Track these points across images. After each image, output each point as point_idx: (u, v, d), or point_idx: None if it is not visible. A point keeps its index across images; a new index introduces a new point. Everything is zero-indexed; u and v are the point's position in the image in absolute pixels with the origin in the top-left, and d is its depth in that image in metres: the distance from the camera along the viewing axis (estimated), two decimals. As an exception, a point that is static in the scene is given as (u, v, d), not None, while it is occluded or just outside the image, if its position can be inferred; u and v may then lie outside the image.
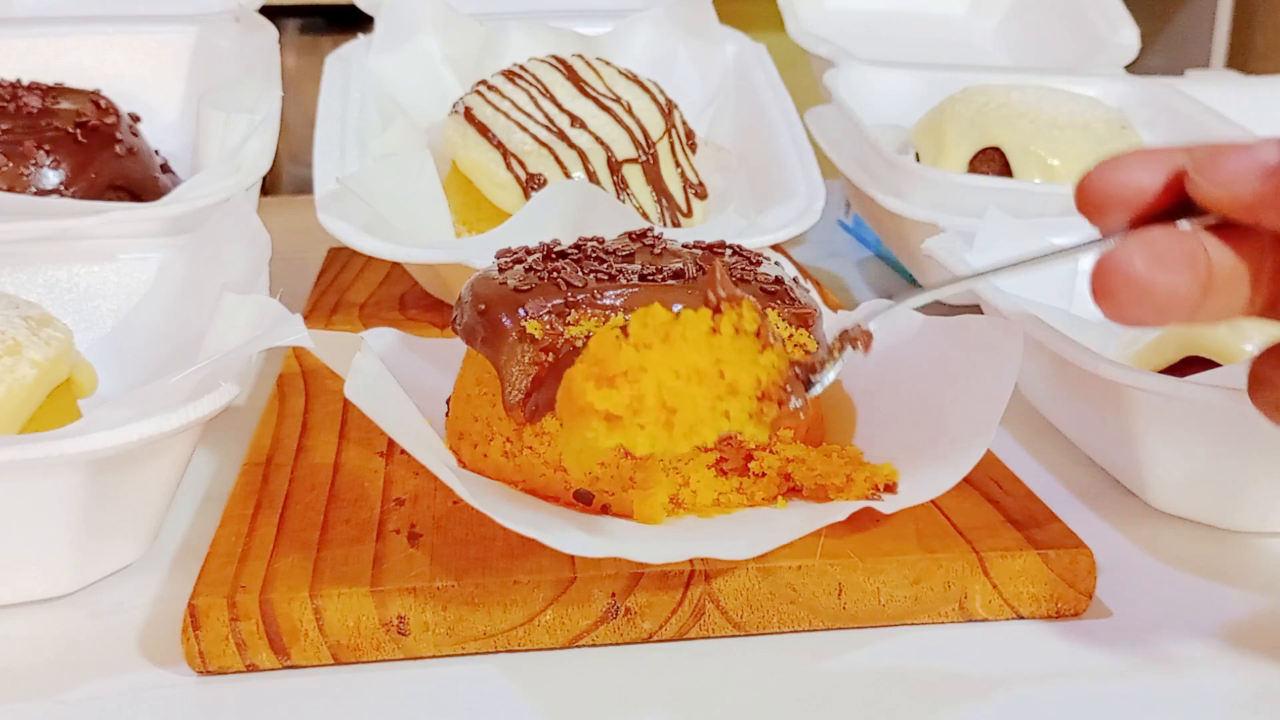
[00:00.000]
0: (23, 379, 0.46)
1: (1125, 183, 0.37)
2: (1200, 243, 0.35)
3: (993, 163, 0.77)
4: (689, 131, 0.76)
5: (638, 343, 0.38)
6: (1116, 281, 0.35)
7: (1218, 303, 0.36)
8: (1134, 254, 0.35)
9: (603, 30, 0.86)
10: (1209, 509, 0.50)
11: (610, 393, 0.37)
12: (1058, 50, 1.02)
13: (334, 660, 0.41)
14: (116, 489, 0.43)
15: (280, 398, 0.56)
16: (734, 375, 0.39)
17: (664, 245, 0.49)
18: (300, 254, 0.82)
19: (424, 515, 0.45)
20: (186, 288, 0.57)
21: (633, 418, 0.37)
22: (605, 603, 0.41)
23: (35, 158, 0.68)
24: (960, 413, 0.46)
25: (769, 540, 0.41)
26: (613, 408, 0.37)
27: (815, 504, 0.45)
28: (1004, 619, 0.43)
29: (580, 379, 0.38)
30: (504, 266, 0.48)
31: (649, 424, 0.38)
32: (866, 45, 0.97)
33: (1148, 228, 0.36)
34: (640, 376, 0.38)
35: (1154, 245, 0.35)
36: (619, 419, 0.37)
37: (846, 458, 0.45)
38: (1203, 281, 0.35)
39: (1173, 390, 0.46)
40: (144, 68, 0.83)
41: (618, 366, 0.38)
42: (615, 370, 0.38)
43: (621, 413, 0.37)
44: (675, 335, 0.38)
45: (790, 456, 0.45)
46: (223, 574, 0.41)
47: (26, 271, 0.58)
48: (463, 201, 0.72)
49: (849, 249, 0.93)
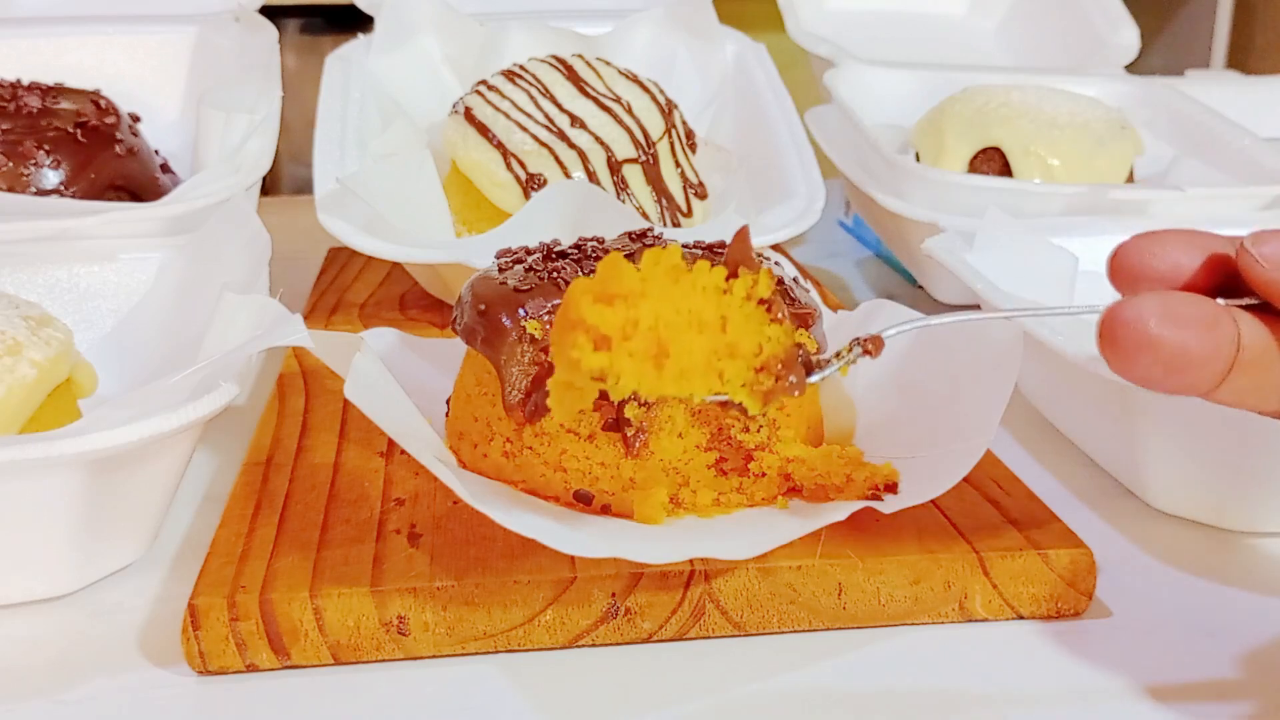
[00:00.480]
0: (23, 379, 0.46)
1: (1161, 257, 0.36)
2: (1229, 314, 0.34)
3: (993, 163, 0.77)
4: (689, 131, 0.76)
5: (646, 272, 0.36)
6: (1121, 331, 0.33)
7: (1246, 381, 0.34)
8: (1146, 306, 0.34)
9: (603, 30, 0.86)
10: (1209, 509, 0.50)
11: (606, 310, 0.36)
12: (1058, 50, 1.02)
13: (334, 660, 0.41)
14: (116, 489, 0.43)
15: (280, 398, 0.56)
16: (736, 336, 0.38)
17: (664, 245, 0.49)
18: (300, 254, 0.82)
19: (424, 515, 0.45)
20: (186, 288, 0.57)
21: (622, 344, 0.36)
22: (605, 603, 0.41)
23: (35, 158, 0.68)
24: (960, 412, 0.45)
25: (769, 540, 0.40)
26: (605, 327, 0.36)
27: (815, 504, 0.45)
28: (1004, 619, 0.43)
29: (580, 290, 0.36)
30: (504, 266, 0.48)
31: (638, 356, 0.36)
32: (866, 45, 0.97)
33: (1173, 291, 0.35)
34: (640, 303, 0.36)
35: (1170, 302, 0.34)
36: (608, 342, 0.36)
37: (846, 458, 0.45)
38: (1226, 352, 0.34)
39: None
40: (144, 68, 0.83)
41: (620, 286, 0.36)
42: (616, 290, 0.36)
43: (613, 334, 0.36)
44: (685, 280, 0.37)
45: (790, 456, 0.45)
46: (223, 574, 0.41)
47: (26, 271, 0.58)
48: (463, 201, 0.72)
49: (849, 249, 0.93)
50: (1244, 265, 0.35)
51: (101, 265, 0.59)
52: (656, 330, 0.36)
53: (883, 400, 0.50)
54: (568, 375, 0.37)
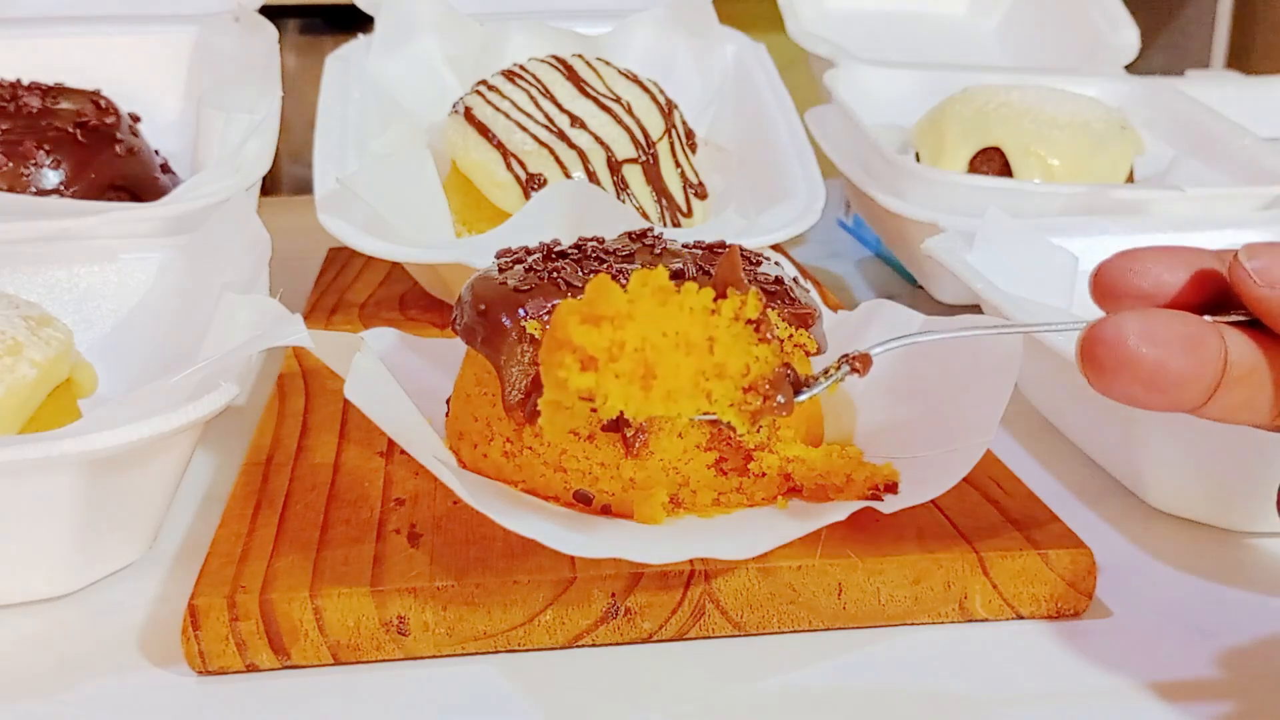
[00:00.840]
0: (23, 379, 0.46)
1: (1144, 275, 0.35)
2: (1216, 331, 0.34)
3: (993, 163, 0.77)
4: (689, 131, 0.76)
5: (634, 295, 0.37)
6: (1100, 350, 0.33)
7: (1236, 397, 0.34)
8: (1127, 324, 0.33)
9: (603, 30, 0.86)
10: (1208, 510, 0.50)
11: (593, 331, 0.36)
12: (1058, 50, 1.02)
13: (334, 660, 0.41)
14: (116, 489, 0.43)
15: (280, 398, 0.56)
16: (724, 357, 0.38)
17: (664, 245, 0.49)
18: (300, 254, 0.82)
19: (424, 515, 0.45)
20: (186, 288, 0.57)
21: (609, 365, 0.36)
22: (605, 603, 0.41)
23: (35, 158, 0.68)
24: (960, 413, 0.45)
25: (769, 540, 0.40)
26: (591, 347, 0.36)
27: (815, 504, 0.45)
28: (1004, 619, 0.43)
29: (566, 311, 0.36)
30: (504, 266, 0.48)
31: (625, 377, 0.36)
32: (866, 45, 0.97)
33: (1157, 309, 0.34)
34: (626, 325, 0.36)
35: (1150, 320, 0.33)
36: (594, 362, 0.36)
37: (847, 457, 0.45)
38: (1211, 370, 0.33)
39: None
40: (144, 68, 0.83)
41: (607, 308, 0.36)
42: (603, 311, 0.36)
43: (599, 355, 0.36)
44: (673, 301, 0.37)
45: (790, 456, 0.45)
46: (223, 574, 0.41)
47: (26, 271, 0.58)
48: (463, 201, 0.72)
49: (849, 249, 0.92)
50: (1236, 280, 0.35)
51: (101, 265, 0.59)
52: (643, 351, 0.37)
53: (883, 400, 0.50)
54: (556, 395, 0.37)
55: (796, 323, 0.45)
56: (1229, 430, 0.46)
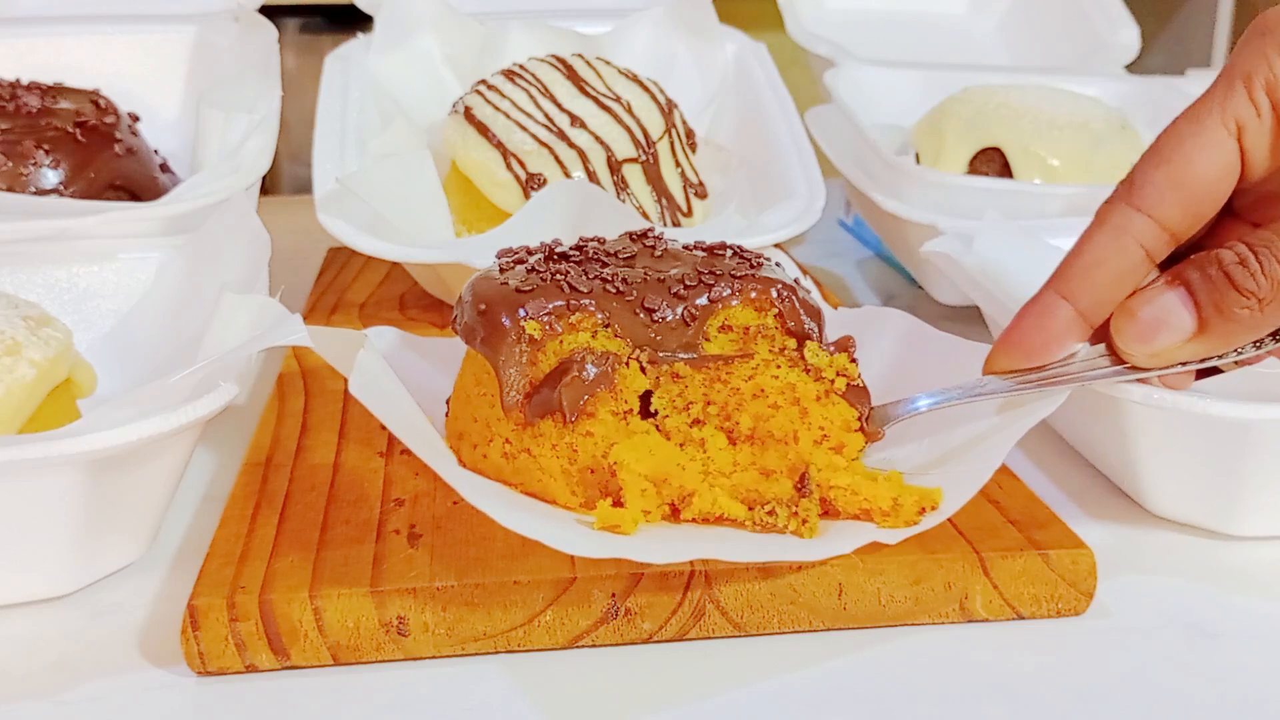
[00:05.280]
0: (22, 379, 0.46)
1: (1051, 346, 0.44)
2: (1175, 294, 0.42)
3: (993, 163, 0.77)
4: (689, 131, 0.76)
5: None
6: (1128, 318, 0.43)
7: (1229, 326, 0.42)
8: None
9: (603, 30, 0.86)
10: (1206, 516, 0.49)
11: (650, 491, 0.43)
12: (1058, 50, 1.02)
13: (334, 661, 0.41)
14: (116, 489, 0.43)
15: (280, 397, 0.56)
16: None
17: (664, 245, 0.49)
18: (300, 254, 0.82)
19: (424, 515, 0.45)
20: (186, 288, 0.57)
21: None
22: (605, 603, 0.41)
23: (34, 157, 0.68)
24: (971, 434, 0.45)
25: (771, 551, 0.40)
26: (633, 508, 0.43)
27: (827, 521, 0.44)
28: (1005, 619, 0.43)
29: (632, 467, 0.43)
30: (505, 267, 0.48)
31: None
32: (866, 45, 0.97)
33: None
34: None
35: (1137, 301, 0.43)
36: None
37: (891, 481, 0.43)
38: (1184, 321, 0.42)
39: (1168, 402, 0.45)
40: (144, 68, 0.83)
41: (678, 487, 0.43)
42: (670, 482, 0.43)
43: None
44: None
45: (831, 484, 0.43)
46: (222, 574, 0.41)
47: (26, 271, 0.58)
48: (463, 201, 0.72)
49: (849, 249, 0.92)
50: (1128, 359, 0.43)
51: (101, 265, 0.59)
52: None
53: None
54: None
55: (798, 332, 0.45)
56: (1224, 440, 0.46)
